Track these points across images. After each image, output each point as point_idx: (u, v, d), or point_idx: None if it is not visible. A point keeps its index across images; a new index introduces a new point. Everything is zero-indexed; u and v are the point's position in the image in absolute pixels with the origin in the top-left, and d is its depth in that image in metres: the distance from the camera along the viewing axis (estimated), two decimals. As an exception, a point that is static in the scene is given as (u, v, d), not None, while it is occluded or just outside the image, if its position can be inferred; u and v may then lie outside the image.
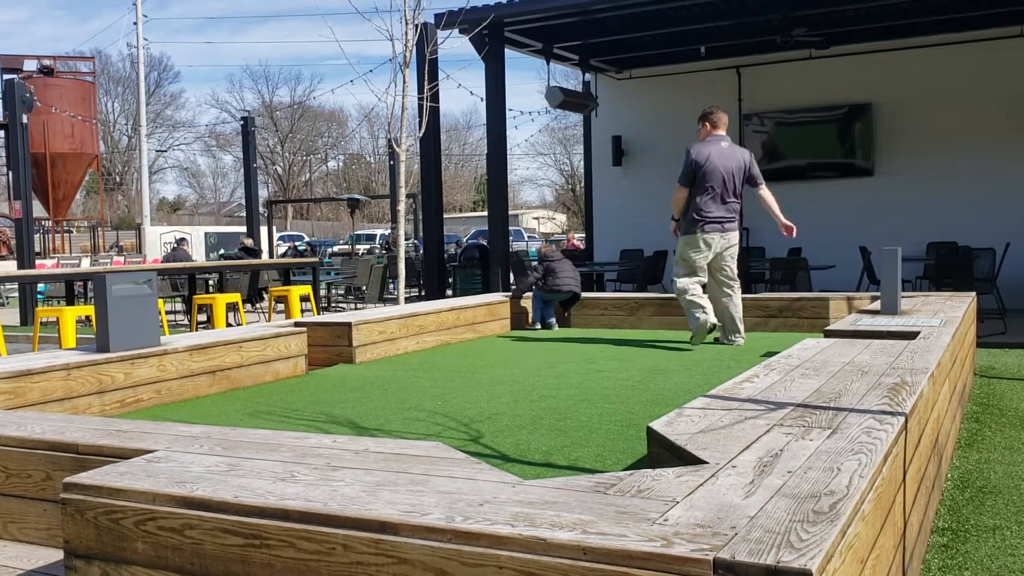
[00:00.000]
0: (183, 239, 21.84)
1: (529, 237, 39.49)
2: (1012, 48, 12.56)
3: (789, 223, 7.40)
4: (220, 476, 2.22)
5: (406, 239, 10.10)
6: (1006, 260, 10.68)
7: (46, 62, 33.53)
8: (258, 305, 15.62)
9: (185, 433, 2.78)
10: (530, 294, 9.08)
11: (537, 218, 53.77)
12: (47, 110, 29.77)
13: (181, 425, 2.95)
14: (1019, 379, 6.76)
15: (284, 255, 28.57)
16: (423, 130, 10.45)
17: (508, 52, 12.86)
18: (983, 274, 10.36)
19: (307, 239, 40.89)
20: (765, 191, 7.45)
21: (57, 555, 2.65)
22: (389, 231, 23.17)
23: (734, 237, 7.35)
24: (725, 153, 7.28)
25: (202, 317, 13.14)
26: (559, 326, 8.99)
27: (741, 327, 7.46)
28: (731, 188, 7.24)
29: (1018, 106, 12.57)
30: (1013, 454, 4.57)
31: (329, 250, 32.37)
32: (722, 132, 7.42)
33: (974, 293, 7.55)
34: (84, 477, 2.23)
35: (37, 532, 2.87)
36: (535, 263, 9.41)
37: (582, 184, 24.01)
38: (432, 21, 11.53)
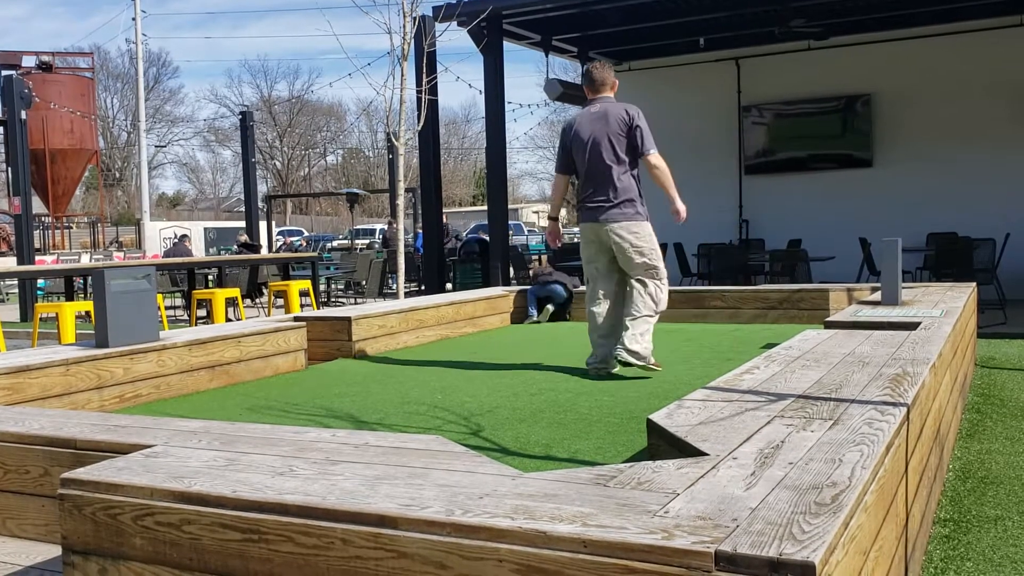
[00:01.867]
0: (185, 235, 21.82)
1: (528, 231, 39.42)
2: (1012, 37, 12.52)
3: (681, 207, 5.75)
4: (218, 471, 2.21)
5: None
6: (1006, 250, 10.66)
7: (44, 58, 33.46)
8: (257, 300, 15.61)
9: (183, 428, 2.77)
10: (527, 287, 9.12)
11: (537, 212, 53.67)
12: (46, 106, 29.74)
13: (179, 420, 2.93)
14: (1020, 369, 6.75)
15: (278, 250, 28.55)
16: (422, 123, 10.42)
17: (507, 45, 12.82)
18: (983, 264, 10.34)
19: (306, 233, 40.85)
20: (655, 159, 5.62)
21: (56, 551, 2.64)
22: (387, 226, 23.09)
23: (625, 228, 5.62)
24: (594, 118, 5.68)
25: (201, 312, 13.12)
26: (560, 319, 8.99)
27: (633, 335, 5.55)
28: (605, 162, 5.62)
29: (1018, 96, 12.54)
30: (1014, 444, 4.57)
31: (328, 245, 32.32)
32: (605, 94, 5.79)
33: (974, 283, 7.53)
34: (82, 472, 2.22)
35: (35, 528, 2.86)
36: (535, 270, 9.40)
37: (581, 177, 23.91)
38: (430, 14, 11.49)
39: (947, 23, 12.76)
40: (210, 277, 15.34)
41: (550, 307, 8.90)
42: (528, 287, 9.15)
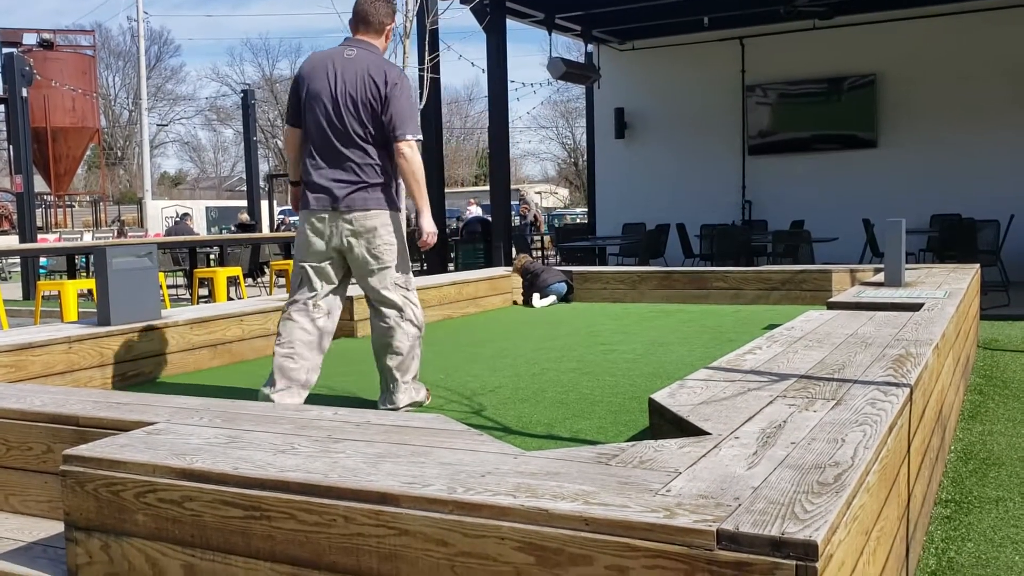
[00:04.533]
0: (187, 213, 21.80)
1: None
2: (1017, 18, 12.44)
3: (428, 225, 4.34)
4: (220, 448, 2.21)
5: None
6: (1010, 232, 10.64)
7: (46, 36, 33.30)
8: (259, 279, 15.61)
9: (185, 405, 2.77)
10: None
11: (540, 192, 53.56)
12: (47, 84, 29.62)
13: (181, 397, 2.94)
14: (1022, 351, 6.74)
15: (276, 229, 28.48)
16: (424, 102, 10.37)
17: (510, 23, 12.75)
18: (987, 246, 10.32)
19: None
20: (409, 148, 4.15)
21: (58, 527, 2.64)
22: None
23: (368, 219, 4.18)
24: (344, 63, 4.20)
25: (204, 291, 13.13)
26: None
27: (405, 383, 4.34)
28: (348, 125, 4.15)
29: (1023, 77, 12.47)
30: (1016, 426, 4.56)
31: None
32: (369, 37, 4.31)
33: (978, 265, 7.51)
34: (84, 449, 2.22)
35: (38, 504, 2.87)
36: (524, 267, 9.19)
37: (584, 158, 23.91)
38: (433, -8, 11.40)
39: (953, 3, 12.67)
40: (212, 256, 15.34)
41: (554, 298, 8.88)
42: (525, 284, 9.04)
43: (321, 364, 4.35)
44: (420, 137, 4.22)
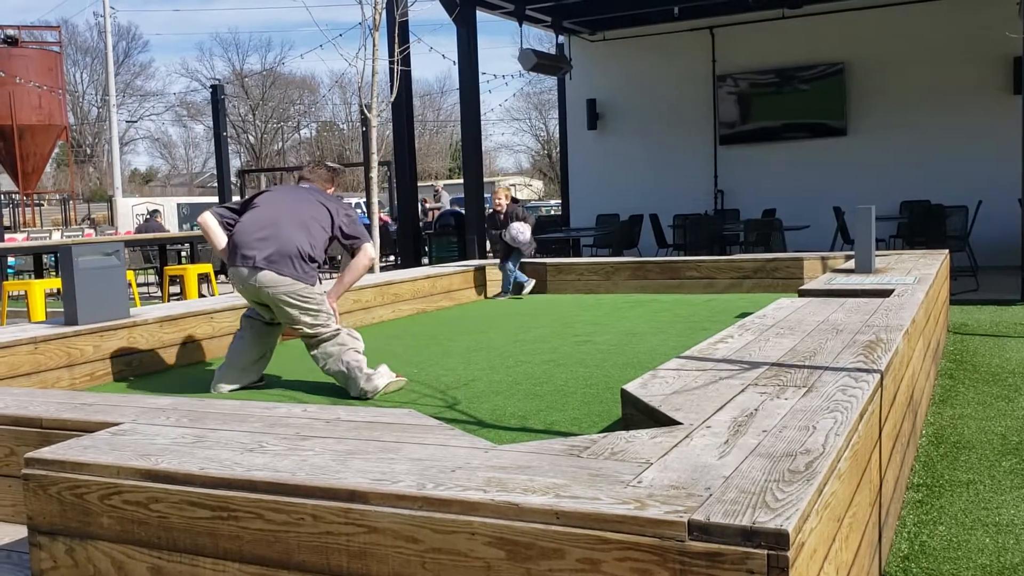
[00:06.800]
0: (156, 211, 21.61)
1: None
2: (985, 6, 12.53)
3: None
4: (186, 448, 2.17)
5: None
6: (978, 218, 10.73)
7: (10, 31, 32.80)
8: (232, 276, 15.45)
9: (152, 405, 2.73)
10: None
11: (514, 184, 53.49)
12: (12, 81, 29.21)
13: (148, 397, 2.89)
14: (992, 335, 6.80)
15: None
16: (394, 94, 10.32)
17: (480, 15, 12.69)
18: (956, 232, 10.41)
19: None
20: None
21: (22, 532, 2.60)
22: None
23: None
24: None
25: (175, 289, 13.01)
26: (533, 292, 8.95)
27: (360, 374, 4.65)
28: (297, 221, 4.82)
29: (991, 64, 12.57)
30: (986, 409, 4.60)
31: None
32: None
33: (947, 251, 7.57)
34: (46, 452, 2.18)
35: (2, 509, 2.82)
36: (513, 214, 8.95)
37: (558, 150, 23.85)
38: (402, -16, 11.31)
39: (920, -10, 12.74)
40: (183, 253, 15.19)
41: (528, 286, 8.86)
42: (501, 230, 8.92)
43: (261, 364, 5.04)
44: None
